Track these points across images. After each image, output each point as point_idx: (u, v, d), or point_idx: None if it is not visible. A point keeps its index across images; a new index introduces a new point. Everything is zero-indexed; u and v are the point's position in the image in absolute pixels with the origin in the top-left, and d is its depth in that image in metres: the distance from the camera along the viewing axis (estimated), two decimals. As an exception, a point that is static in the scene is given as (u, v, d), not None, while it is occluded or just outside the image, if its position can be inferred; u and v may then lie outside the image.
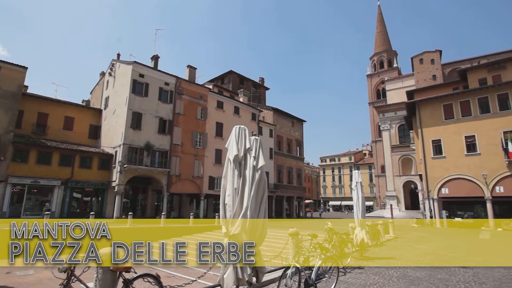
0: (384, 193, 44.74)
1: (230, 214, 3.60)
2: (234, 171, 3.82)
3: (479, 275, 7.36)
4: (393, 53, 59.30)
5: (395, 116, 42.32)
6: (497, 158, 23.04)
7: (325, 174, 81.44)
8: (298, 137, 42.92)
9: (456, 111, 25.75)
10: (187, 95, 27.95)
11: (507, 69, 25.41)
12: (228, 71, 44.65)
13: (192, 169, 27.19)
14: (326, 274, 5.66)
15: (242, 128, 4.19)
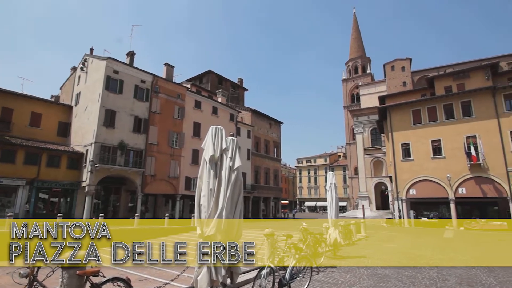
0: (357, 194, 46.27)
1: (205, 215, 3.57)
2: (210, 171, 3.80)
3: (442, 272, 7.81)
4: (367, 60, 61.58)
5: (368, 120, 43.95)
6: (460, 161, 24.62)
7: (301, 175, 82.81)
8: (276, 138, 43.36)
9: (424, 116, 27.26)
10: (164, 94, 27.35)
11: (471, 78, 27.25)
12: (206, 71, 44.20)
13: (168, 169, 26.62)
14: (300, 274, 5.76)
15: (219, 128, 4.18)
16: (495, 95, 24.16)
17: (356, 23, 66.04)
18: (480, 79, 26.52)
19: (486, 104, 24.46)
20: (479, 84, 26.14)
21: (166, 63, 29.84)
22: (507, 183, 22.74)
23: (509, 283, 6.68)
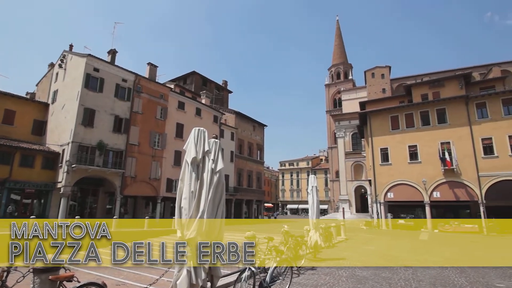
0: (337, 197, 47.14)
1: (186, 218, 3.53)
2: (191, 173, 3.76)
3: (417, 273, 8.10)
4: (349, 66, 63.18)
5: (349, 125, 45.01)
6: (435, 166, 25.69)
7: (284, 178, 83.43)
8: (259, 141, 43.52)
9: (402, 122, 28.29)
10: (146, 94, 26.83)
11: (445, 87, 28.57)
12: (190, 72, 43.81)
13: (149, 171, 26.07)
14: (280, 276, 5.81)
15: (202, 130, 4.16)
16: (468, 104, 25.46)
17: (339, 30, 67.67)
18: (454, 88, 27.86)
19: (459, 112, 25.72)
20: (453, 92, 27.45)
21: (149, 62, 29.32)
22: (478, 187, 23.94)
23: (479, 283, 7.03)
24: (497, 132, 23.94)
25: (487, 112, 24.74)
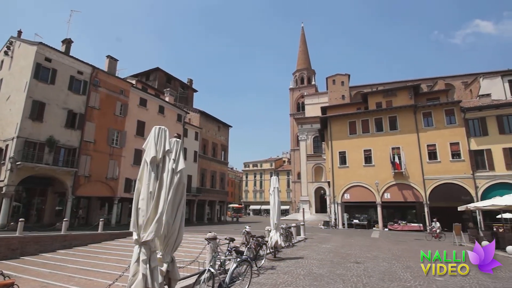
0: (299, 198, 48.56)
1: (143, 220, 3.42)
2: (150, 173, 3.66)
3: (368, 269, 8.68)
4: (312, 72, 65.57)
5: (311, 128, 46.68)
6: (386, 170, 27.71)
7: (247, 179, 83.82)
8: (224, 141, 43.30)
9: (358, 128, 30.11)
10: (105, 88, 25.31)
11: (397, 96, 30.94)
12: (154, 68, 42.25)
13: (106, 170, 24.60)
14: (240, 277, 5.86)
15: (162, 129, 4.07)
16: (416, 113, 27.88)
17: (304, 36, 69.91)
18: (405, 98, 30.31)
19: (408, 120, 28.05)
20: (404, 102, 29.84)
21: (109, 55, 27.72)
22: (423, 189, 26.29)
23: (421, 277, 7.72)
24: (440, 139, 26.53)
25: (432, 121, 27.30)
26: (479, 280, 7.38)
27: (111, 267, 11.00)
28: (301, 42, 69.70)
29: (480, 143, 25.20)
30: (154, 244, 3.65)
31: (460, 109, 26.34)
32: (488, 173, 24.61)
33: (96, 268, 10.90)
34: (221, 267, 6.80)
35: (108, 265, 11.40)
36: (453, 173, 25.57)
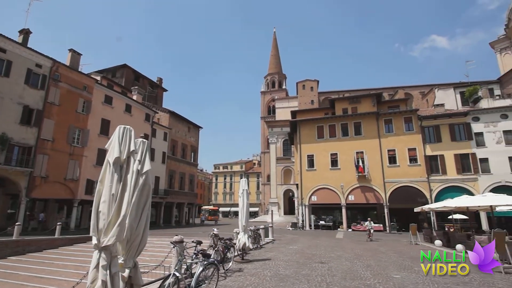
0: (268, 200, 49.06)
1: (103, 223, 3.26)
2: (113, 174, 3.50)
3: (332, 269, 9.00)
4: (283, 76, 66.87)
5: (281, 132, 47.51)
6: (351, 173, 28.99)
7: (217, 181, 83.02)
8: (194, 143, 42.57)
9: (326, 132, 31.24)
10: (66, 83, 23.76)
11: (362, 103, 32.54)
12: (121, 65, 40.45)
13: (65, 170, 23.03)
14: (206, 280, 5.80)
15: (128, 128, 3.91)
16: (378, 119, 29.56)
17: (276, 41, 71.14)
18: (369, 105, 31.99)
19: (371, 126, 29.65)
20: (368, 109, 31.48)
21: (71, 49, 26.09)
22: (383, 191, 27.85)
23: (380, 275, 8.16)
24: (399, 145, 28.34)
25: (393, 127, 29.10)
26: (431, 277, 7.96)
27: (68, 274, 10.35)
28: (273, 47, 70.85)
29: (434, 149, 27.31)
30: (116, 249, 3.50)
31: (417, 117, 28.37)
32: (441, 177, 26.71)
33: (52, 276, 10.21)
34: (187, 271, 6.67)
35: (66, 272, 10.71)
36: (410, 176, 27.41)
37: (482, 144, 26.34)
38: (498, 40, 51.00)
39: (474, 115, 27.07)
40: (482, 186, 25.22)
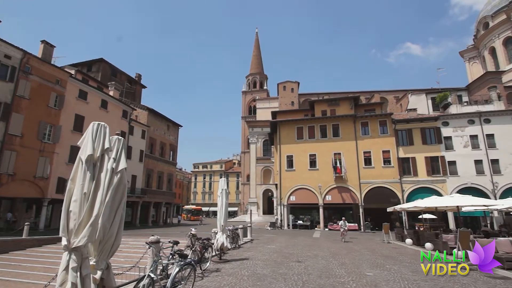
0: (247, 199, 49.13)
1: (74, 224, 3.15)
2: (85, 173, 3.37)
3: (308, 268, 9.18)
4: (265, 76, 67.24)
5: (261, 132, 47.75)
6: (329, 173, 29.67)
7: (196, 181, 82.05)
8: (173, 141, 41.80)
9: (305, 133, 31.79)
10: (37, 76, 22.53)
11: (340, 106, 33.39)
12: (98, 59, 38.89)
13: (35, 168, 21.83)
14: (183, 281, 5.74)
15: (102, 125, 3.79)
16: (355, 122, 30.48)
17: (258, 41, 71.36)
18: (347, 108, 32.88)
19: (349, 128, 30.51)
20: (346, 111, 32.36)
21: (44, 40, 24.78)
22: (359, 192, 28.74)
23: (354, 273, 8.43)
24: (374, 147, 29.36)
25: (369, 130, 30.11)
26: (402, 274, 8.33)
27: (36, 276, 9.87)
28: (255, 47, 71.01)
29: (407, 152, 28.55)
30: (87, 250, 3.39)
31: (392, 120, 29.53)
32: (412, 178, 27.96)
33: (19, 278, 9.71)
34: (163, 271, 6.58)
35: (33, 274, 10.21)
36: (384, 177, 28.47)
37: (450, 147, 27.85)
38: (467, 49, 54.24)
39: (444, 120, 28.57)
40: (450, 187, 26.67)
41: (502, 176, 26.26)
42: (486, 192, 25.92)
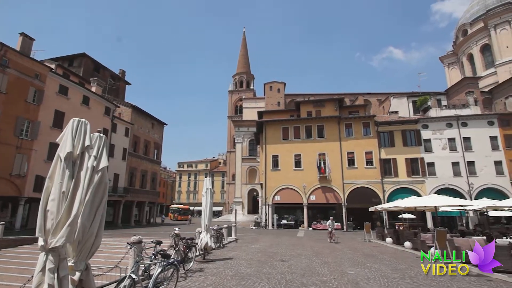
0: (232, 199, 49.02)
1: (52, 223, 3.05)
2: (64, 171, 3.26)
3: (291, 267, 9.28)
4: (251, 76, 67.28)
5: (247, 131, 47.76)
6: (313, 173, 30.07)
7: (181, 180, 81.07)
8: (157, 139, 41.12)
9: (291, 133, 32.09)
10: (15, 70, 21.60)
11: (325, 107, 33.91)
12: (80, 53, 37.74)
13: (11, 165, 20.93)
14: (165, 281, 5.68)
15: (83, 122, 3.67)
16: (340, 123, 31.04)
17: (245, 41, 71.31)
18: (331, 109, 33.46)
19: (333, 129, 31.04)
20: (330, 112, 32.91)
21: (23, 32, 23.79)
22: (342, 192, 29.28)
23: (337, 271, 8.59)
24: (358, 148, 30.01)
25: (352, 131, 30.75)
26: (382, 272, 8.57)
27: (12, 278, 9.50)
28: (242, 46, 70.93)
29: (388, 153, 29.35)
30: (65, 251, 3.29)
31: (375, 122, 30.28)
32: (393, 179, 28.77)
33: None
34: (145, 272, 6.47)
35: (8, 276, 9.81)
36: (366, 178, 29.16)
37: (429, 149, 28.86)
38: (447, 55, 56.30)
39: (424, 123, 29.56)
40: (429, 188, 27.63)
41: (477, 177, 27.46)
42: (462, 193, 27.03)
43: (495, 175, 27.36)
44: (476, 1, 50.64)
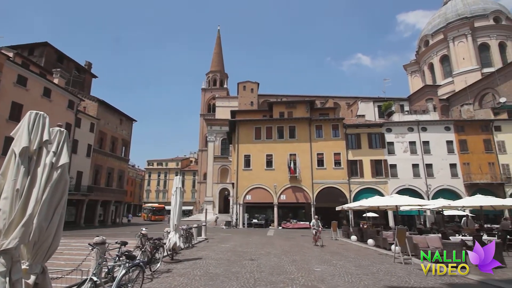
0: (203, 198, 48.41)
1: (4, 223, 2.82)
2: (19, 167, 3.02)
3: (261, 265, 9.36)
4: (225, 75, 66.93)
5: (220, 130, 47.45)
6: (284, 173, 30.59)
7: (150, 178, 78.56)
8: (126, 136, 39.47)
9: (263, 133, 32.41)
10: (-39, 56, 19.65)
11: (297, 109, 34.63)
12: (42, 42, 35.21)
13: (-45, 161, 18.99)
14: (129, 284, 5.50)
15: (41, 115, 3.43)
16: (310, 125, 31.89)
17: (219, 39, 70.81)
18: (303, 111, 34.26)
19: (304, 131, 31.82)
20: (302, 114, 33.70)
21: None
22: (311, 192, 30.09)
23: (304, 269, 8.81)
24: (327, 149, 31.02)
25: (322, 133, 31.75)
26: (346, 269, 8.93)
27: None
28: (217, 45, 70.32)
29: (355, 155, 30.67)
30: (19, 253, 3.07)
31: (343, 125, 31.50)
32: (359, 180, 30.09)
33: None
34: (108, 274, 6.20)
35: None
36: (334, 178, 30.23)
37: (392, 152, 30.58)
38: (410, 64, 59.99)
39: (388, 126, 31.27)
40: (391, 188, 29.26)
41: (434, 179, 29.56)
42: (421, 193, 28.95)
43: (450, 177, 29.61)
44: (437, 14, 54.52)
